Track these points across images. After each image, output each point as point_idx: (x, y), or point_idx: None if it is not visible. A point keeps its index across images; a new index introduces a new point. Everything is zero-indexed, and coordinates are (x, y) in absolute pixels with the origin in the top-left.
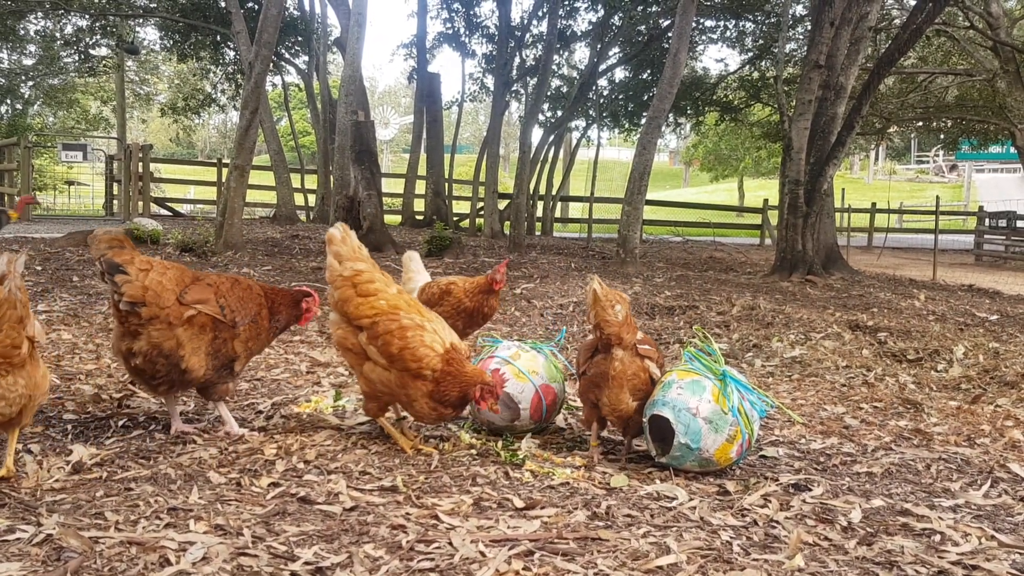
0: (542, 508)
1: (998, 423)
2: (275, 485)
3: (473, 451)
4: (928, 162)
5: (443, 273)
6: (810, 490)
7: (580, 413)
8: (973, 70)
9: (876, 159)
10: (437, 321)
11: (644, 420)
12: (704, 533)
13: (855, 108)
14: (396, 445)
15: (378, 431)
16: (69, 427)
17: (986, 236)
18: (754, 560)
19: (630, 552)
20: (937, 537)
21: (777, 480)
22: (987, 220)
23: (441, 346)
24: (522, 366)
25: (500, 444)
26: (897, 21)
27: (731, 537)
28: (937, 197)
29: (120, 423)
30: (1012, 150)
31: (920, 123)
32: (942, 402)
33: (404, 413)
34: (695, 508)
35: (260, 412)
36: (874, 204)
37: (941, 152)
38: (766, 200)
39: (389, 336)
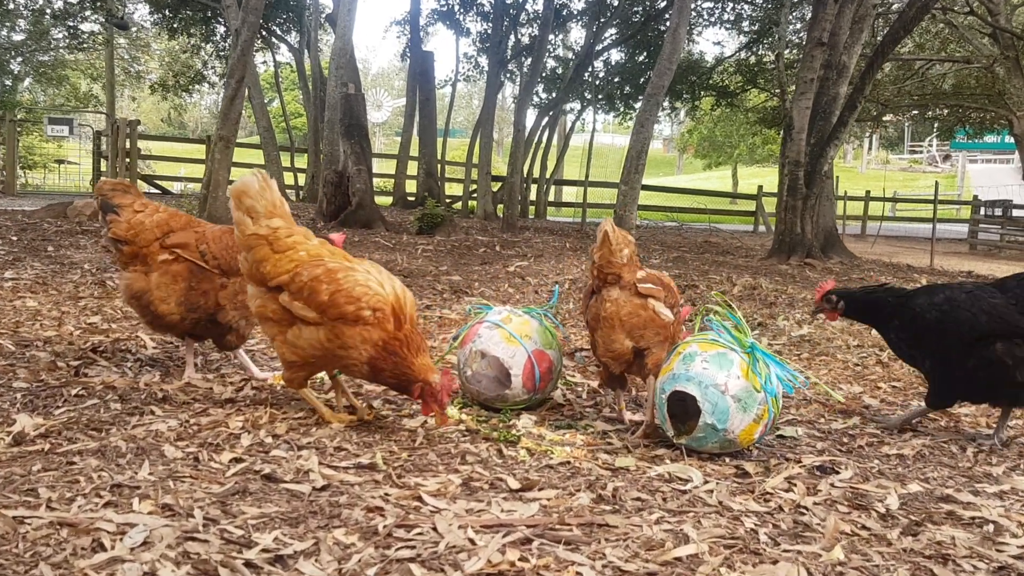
0: (540, 490)
1: None
2: (237, 461)
3: (462, 426)
4: (921, 152)
5: (434, 250)
6: (837, 473)
7: (580, 388)
8: (971, 57)
9: (870, 148)
10: (375, 267)
11: (663, 396)
12: (725, 520)
13: (858, 87)
14: (321, 418)
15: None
16: (18, 396)
17: (981, 225)
18: (785, 551)
19: (643, 541)
20: (990, 527)
21: (800, 462)
22: (983, 209)
23: (383, 289)
24: (513, 330)
25: (495, 420)
26: (896, 6)
27: (755, 524)
28: (936, 183)
29: (73, 392)
30: (1008, 139)
31: (916, 111)
32: None
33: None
34: (712, 491)
35: (230, 383)
36: (868, 192)
37: (935, 142)
38: (760, 187)
39: (315, 283)
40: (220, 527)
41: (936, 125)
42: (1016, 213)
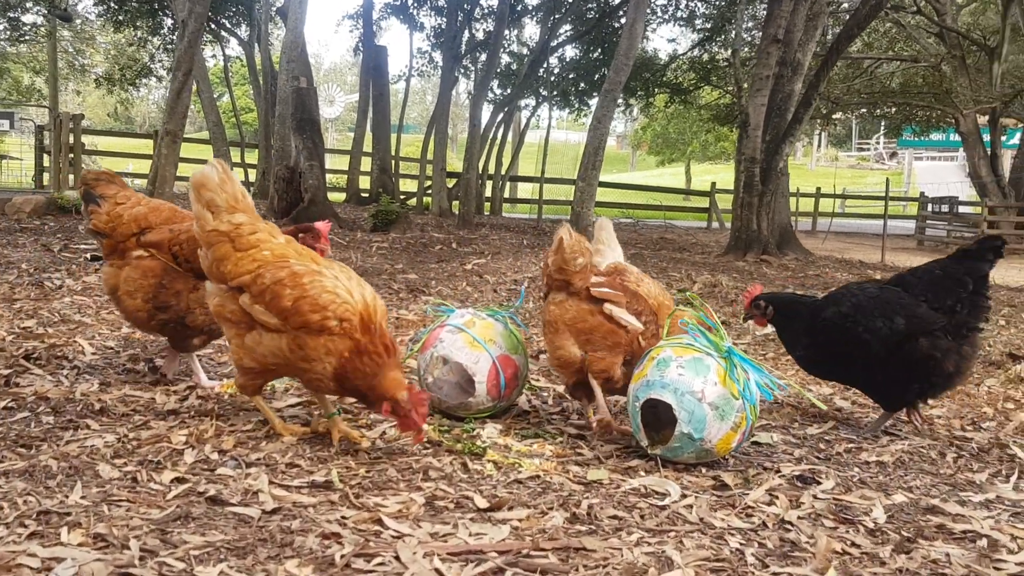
0: (510, 509)
1: (999, 405)
2: (180, 481)
3: (423, 437)
4: (869, 149)
5: (389, 248)
6: (819, 483)
7: (544, 393)
8: (919, 56)
9: (819, 146)
10: (345, 271)
11: (637, 404)
12: (708, 539)
13: (812, 84)
14: (273, 429)
15: (311, 414)
16: None
17: (928, 221)
18: (776, 575)
19: (624, 567)
20: (983, 542)
21: (779, 471)
22: (930, 205)
23: (351, 297)
24: (477, 334)
25: (458, 430)
26: (846, 5)
27: (741, 543)
28: (888, 180)
29: (1, 404)
30: (953, 138)
31: (864, 109)
32: None
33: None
34: (692, 507)
35: (174, 392)
36: (819, 189)
37: (882, 139)
38: (713, 183)
39: (278, 286)
40: (159, 559)
41: (883, 123)
42: (962, 209)
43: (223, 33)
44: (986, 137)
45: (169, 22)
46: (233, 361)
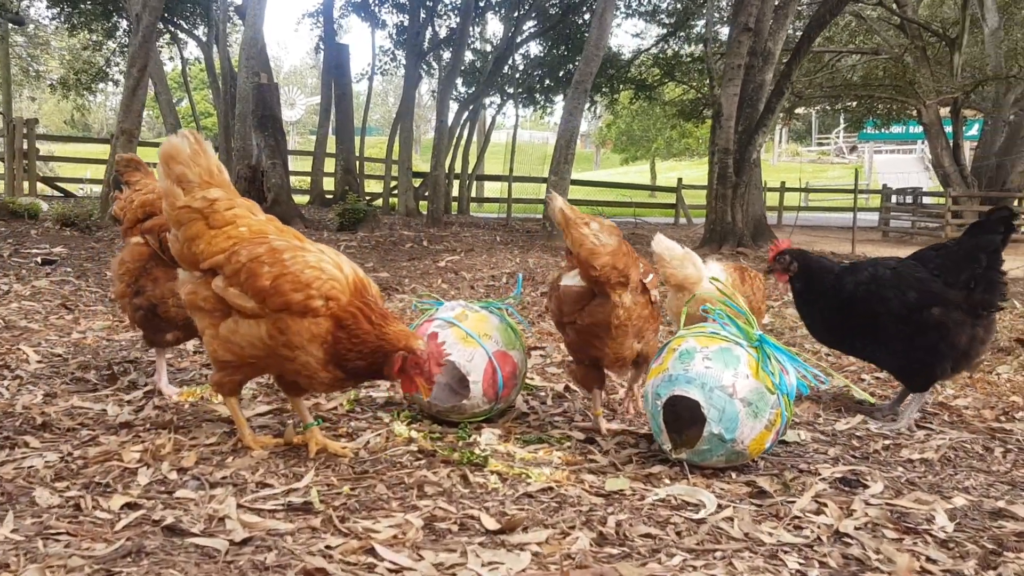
0: (525, 530)
1: None
2: (132, 507)
3: (413, 447)
4: (829, 143)
5: (358, 247)
6: (866, 487)
7: (542, 393)
8: (880, 48)
9: (780, 141)
10: (330, 249)
11: (658, 402)
12: (761, 559)
13: (784, 73)
14: (242, 440)
15: (282, 423)
16: None
17: (892, 213)
18: None
19: None
20: None
21: (818, 474)
22: (893, 197)
23: (339, 272)
24: (470, 328)
25: (452, 437)
26: None
27: (800, 564)
28: (856, 171)
29: None
30: (913, 130)
31: (826, 103)
32: None
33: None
34: (732, 520)
35: (128, 402)
36: (783, 183)
37: (842, 133)
38: (680, 179)
39: (255, 264)
40: None
41: (843, 117)
42: (925, 200)
43: (180, 35)
44: (948, 128)
45: (125, 24)
46: (208, 355)
